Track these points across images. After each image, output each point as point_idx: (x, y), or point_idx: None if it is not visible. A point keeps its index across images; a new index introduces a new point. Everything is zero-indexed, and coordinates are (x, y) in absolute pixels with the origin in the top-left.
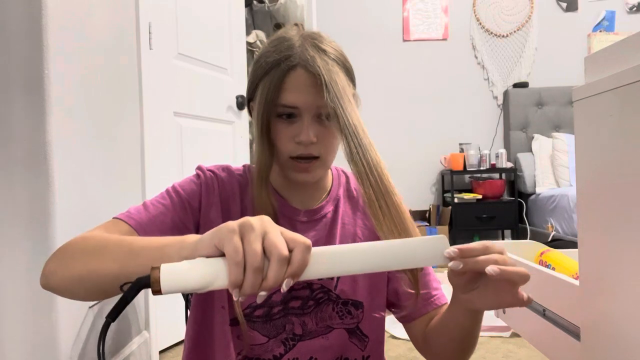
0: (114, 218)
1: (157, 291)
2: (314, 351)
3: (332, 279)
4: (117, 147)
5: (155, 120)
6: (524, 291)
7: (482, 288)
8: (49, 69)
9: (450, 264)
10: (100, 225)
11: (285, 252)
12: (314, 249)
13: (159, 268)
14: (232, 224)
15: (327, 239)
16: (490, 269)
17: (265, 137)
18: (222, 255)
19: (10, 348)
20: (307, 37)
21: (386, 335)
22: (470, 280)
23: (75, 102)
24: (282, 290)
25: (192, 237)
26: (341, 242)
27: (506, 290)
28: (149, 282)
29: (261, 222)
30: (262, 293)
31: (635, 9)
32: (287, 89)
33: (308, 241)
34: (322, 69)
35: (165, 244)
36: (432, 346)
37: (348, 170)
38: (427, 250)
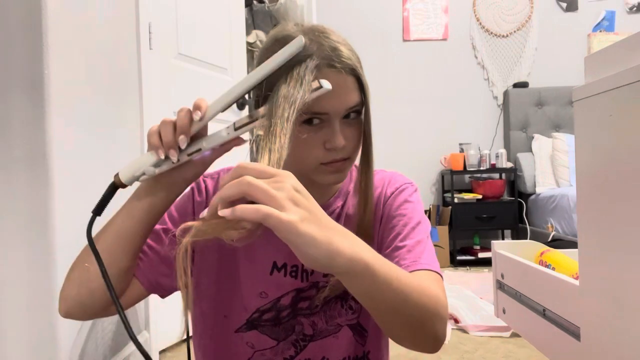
0: None
1: (121, 184)
2: (326, 351)
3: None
4: (117, 147)
5: (155, 120)
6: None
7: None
8: (49, 69)
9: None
10: None
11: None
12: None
13: (118, 172)
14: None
15: None
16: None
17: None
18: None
19: (10, 348)
20: (312, 32)
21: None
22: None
23: (75, 102)
24: (173, 161)
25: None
26: None
27: None
28: (115, 183)
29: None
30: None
31: (635, 9)
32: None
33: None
34: (352, 62)
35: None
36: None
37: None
38: (285, 52)
